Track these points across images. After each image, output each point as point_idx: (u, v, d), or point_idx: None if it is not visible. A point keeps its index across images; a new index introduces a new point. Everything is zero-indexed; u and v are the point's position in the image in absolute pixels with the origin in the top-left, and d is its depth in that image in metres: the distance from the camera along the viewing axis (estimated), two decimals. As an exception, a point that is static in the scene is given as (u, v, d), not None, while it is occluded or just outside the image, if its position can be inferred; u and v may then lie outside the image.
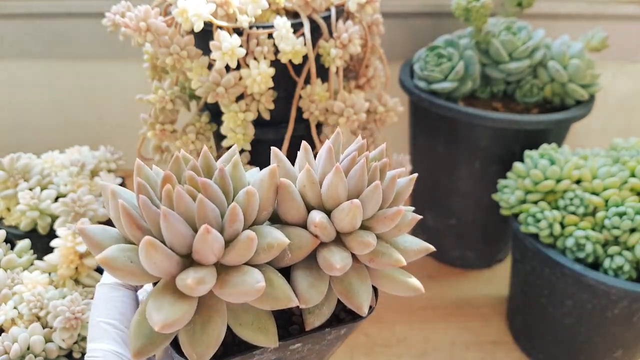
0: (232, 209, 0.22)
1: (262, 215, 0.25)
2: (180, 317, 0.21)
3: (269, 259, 0.23)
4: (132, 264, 0.22)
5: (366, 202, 0.25)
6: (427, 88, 0.63)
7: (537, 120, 0.58)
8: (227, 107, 0.49)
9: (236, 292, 0.22)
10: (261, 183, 0.24)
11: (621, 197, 0.50)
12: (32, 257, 0.46)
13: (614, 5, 0.76)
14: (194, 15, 0.44)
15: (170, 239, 0.22)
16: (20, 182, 0.51)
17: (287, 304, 0.23)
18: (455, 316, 0.64)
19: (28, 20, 0.77)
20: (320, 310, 0.26)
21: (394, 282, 0.27)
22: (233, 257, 0.23)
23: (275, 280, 0.24)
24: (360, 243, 0.24)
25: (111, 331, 0.25)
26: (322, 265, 0.25)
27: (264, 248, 0.23)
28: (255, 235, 0.22)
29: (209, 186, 0.23)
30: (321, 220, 0.24)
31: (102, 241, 0.23)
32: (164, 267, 0.22)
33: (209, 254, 0.22)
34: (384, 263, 0.25)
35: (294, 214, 0.25)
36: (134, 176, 0.24)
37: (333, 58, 0.49)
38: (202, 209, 0.22)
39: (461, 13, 0.62)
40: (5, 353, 0.38)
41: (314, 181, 0.25)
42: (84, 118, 0.86)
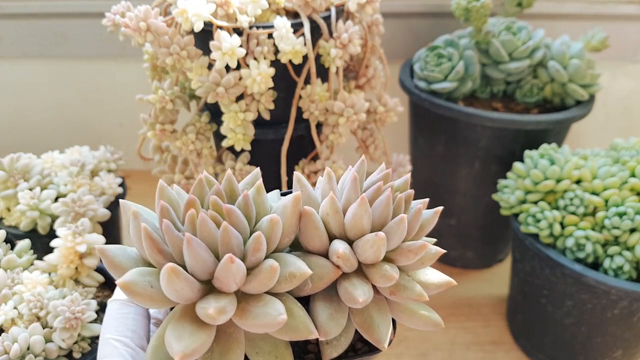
0: (257, 238, 0.22)
1: (283, 242, 0.24)
2: (200, 347, 0.21)
3: (289, 288, 0.23)
4: (152, 288, 0.22)
5: (391, 234, 0.24)
6: (427, 88, 0.63)
7: (537, 120, 0.58)
8: (227, 107, 0.49)
9: (257, 323, 0.22)
10: (284, 210, 0.24)
11: (621, 197, 0.50)
12: (32, 257, 0.46)
13: (613, 5, 0.76)
14: (194, 15, 0.44)
15: (192, 265, 0.22)
16: (20, 182, 0.51)
17: (307, 335, 0.23)
18: (455, 316, 0.64)
19: (28, 20, 0.77)
20: (338, 342, 0.25)
21: (414, 316, 0.26)
22: (255, 286, 0.22)
23: (295, 311, 0.23)
24: (383, 276, 0.24)
25: (121, 349, 0.25)
26: (343, 297, 0.24)
27: (286, 277, 0.23)
28: (278, 265, 0.22)
29: (233, 213, 0.23)
30: (344, 252, 0.24)
31: (122, 263, 0.23)
32: (185, 294, 0.21)
33: (230, 283, 0.22)
34: (405, 297, 0.25)
35: (316, 243, 0.25)
36: (157, 198, 0.23)
37: (333, 58, 0.49)
38: (226, 237, 0.22)
39: (461, 13, 0.62)
40: (5, 353, 0.38)
41: (337, 210, 0.25)
42: (84, 118, 0.86)
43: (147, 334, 0.26)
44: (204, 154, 0.53)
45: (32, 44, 0.79)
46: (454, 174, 0.65)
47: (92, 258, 0.46)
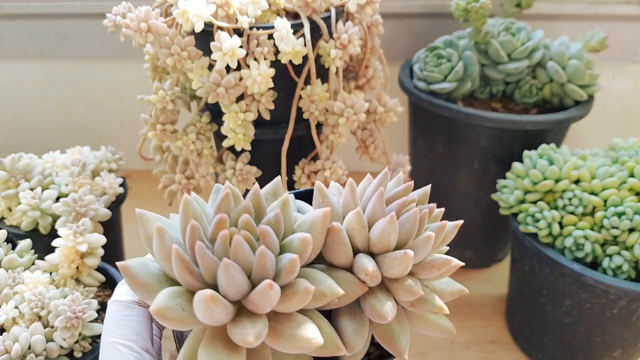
0: (293, 261, 0.22)
1: (311, 257, 0.24)
2: None
3: (318, 305, 0.23)
4: (183, 312, 0.21)
5: (417, 250, 0.24)
6: (427, 88, 0.63)
7: (536, 121, 0.58)
8: (228, 108, 0.49)
9: (292, 346, 0.21)
10: (313, 226, 0.24)
11: (620, 197, 0.50)
12: (33, 256, 0.46)
13: (613, 5, 0.76)
14: (194, 16, 0.44)
15: (227, 288, 0.21)
16: (22, 182, 0.51)
17: (335, 352, 0.23)
18: (455, 315, 0.64)
19: (29, 20, 0.77)
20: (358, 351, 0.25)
21: (430, 324, 0.27)
22: (288, 307, 0.22)
23: (324, 329, 0.23)
24: (407, 292, 0.24)
25: (127, 353, 0.24)
26: (368, 312, 0.24)
27: (316, 296, 0.23)
28: (313, 287, 0.22)
29: (268, 234, 0.22)
30: (373, 270, 0.24)
31: (146, 281, 0.23)
32: (219, 319, 0.21)
33: (266, 307, 0.21)
34: (425, 310, 0.25)
35: (342, 258, 0.25)
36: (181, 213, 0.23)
37: (333, 58, 0.49)
38: (262, 261, 0.21)
39: (460, 14, 0.62)
40: (7, 352, 0.38)
41: (363, 225, 0.25)
42: (85, 118, 0.86)
43: (150, 336, 0.26)
44: (205, 154, 0.53)
45: (32, 45, 0.79)
46: (454, 174, 0.65)
47: (93, 257, 0.46)
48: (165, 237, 0.22)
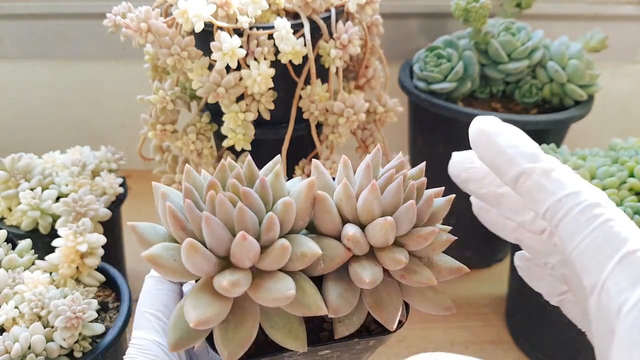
0: (270, 218, 0.24)
1: (298, 224, 0.26)
2: (214, 316, 0.23)
3: (302, 266, 0.24)
4: (174, 262, 0.24)
5: (400, 219, 0.25)
6: (427, 88, 0.63)
7: (536, 121, 0.58)
8: (228, 108, 0.49)
9: (268, 297, 0.23)
10: (299, 194, 0.25)
11: (620, 197, 0.50)
12: (33, 256, 0.46)
13: (613, 5, 0.76)
14: (194, 16, 0.44)
15: (210, 241, 0.23)
16: (22, 182, 0.51)
17: (316, 312, 0.24)
18: (455, 316, 0.64)
19: (28, 20, 0.77)
20: (350, 320, 0.26)
21: (426, 299, 0.27)
22: (268, 263, 0.24)
23: (307, 289, 0.24)
24: (392, 259, 0.25)
25: (154, 322, 0.27)
26: (353, 278, 0.25)
27: (298, 256, 0.24)
28: (289, 244, 0.23)
29: (249, 195, 0.24)
30: (354, 234, 0.25)
31: (150, 238, 0.25)
32: (202, 268, 0.23)
33: (244, 259, 0.23)
34: (414, 281, 0.26)
35: (329, 226, 0.26)
36: (183, 180, 0.25)
37: (333, 59, 0.49)
38: (241, 216, 0.23)
39: (460, 14, 0.62)
40: (7, 352, 0.38)
41: (350, 195, 0.26)
42: (84, 118, 0.86)
43: None
44: (205, 154, 0.53)
45: (32, 45, 0.79)
46: (454, 174, 0.65)
47: (93, 257, 0.46)
48: (166, 200, 0.25)
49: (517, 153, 0.24)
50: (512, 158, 0.24)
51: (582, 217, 0.21)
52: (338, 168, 0.28)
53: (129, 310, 0.45)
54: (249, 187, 0.25)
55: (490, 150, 0.25)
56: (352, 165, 0.28)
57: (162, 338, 0.26)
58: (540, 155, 0.24)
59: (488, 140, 0.25)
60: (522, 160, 0.24)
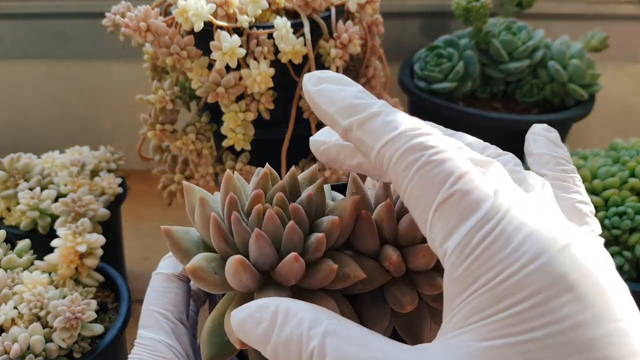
0: (320, 239, 0.23)
1: (338, 241, 0.25)
2: None
3: (341, 287, 0.24)
4: (215, 275, 0.23)
5: None
6: (427, 88, 0.63)
7: (537, 120, 0.58)
8: (227, 107, 0.49)
9: None
10: (343, 212, 0.25)
11: (621, 197, 0.50)
12: (32, 257, 0.46)
13: (613, 5, 0.76)
14: (194, 15, 0.44)
15: (257, 258, 0.23)
16: (21, 182, 0.51)
17: None
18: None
19: (28, 20, 0.77)
20: None
21: None
22: (311, 283, 0.23)
23: (344, 309, 0.24)
24: (431, 285, 0.25)
25: (162, 321, 0.26)
26: (391, 301, 0.25)
27: (340, 276, 0.24)
28: (336, 267, 0.23)
29: (298, 212, 0.24)
30: (397, 259, 0.24)
31: (186, 246, 0.25)
32: (247, 285, 0.23)
33: (291, 278, 0.23)
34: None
35: (369, 246, 0.25)
36: (223, 187, 0.25)
37: (333, 58, 0.49)
38: (291, 235, 0.23)
39: (461, 13, 0.62)
40: (6, 353, 0.38)
41: (392, 217, 0.25)
42: (84, 118, 0.86)
43: (187, 308, 0.27)
44: (204, 154, 0.53)
45: (32, 44, 0.79)
46: (454, 174, 0.65)
47: (92, 258, 0.46)
48: (206, 207, 0.24)
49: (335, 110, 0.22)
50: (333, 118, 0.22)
51: (399, 167, 0.19)
52: (377, 185, 0.27)
53: (129, 311, 0.45)
54: (292, 201, 0.25)
55: (318, 114, 0.23)
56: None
57: (171, 339, 0.26)
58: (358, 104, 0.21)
59: (313, 103, 0.23)
60: (342, 117, 0.22)
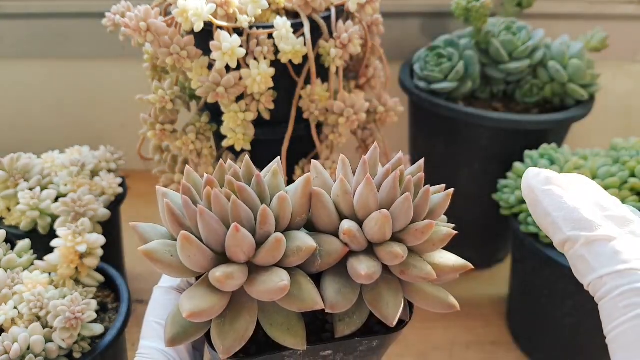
0: (263, 210, 0.24)
1: (295, 221, 0.26)
2: (208, 308, 0.23)
3: (298, 262, 0.25)
4: (172, 257, 0.24)
5: (396, 213, 0.25)
6: (427, 88, 0.63)
7: (537, 120, 0.58)
8: (227, 107, 0.49)
9: (263, 289, 0.23)
10: (295, 190, 0.26)
11: (621, 197, 0.50)
12: (32, 257, 0.46)
13: (614, 5, 0.76)
14: (194, 15, 0.44)
15: (206, 235, 0.24)
16: (21, 182, 0.51)
17: (312, 306, 0.24)
18: (455, 316, 0.64)
19: (28, 20, 0.77)
20: (351, 319, 0.26)
21: (428, 297, 0.27)
22: (263, 257, 0.24)
23: (303, 284, 0.25)
24: (389, 253, 0.25)
25: (159, 330, 0.27)
26: (350, 273, 0.25)
27: (293, 251, 0.24)
28: (283, 237, 0.23)
29: (244, 189, 0.25)
30: (350, 228, 0.25)
31: (150, 237, 0.25)
32: (198, 261, 0.23)
33: (238, 252, 0.23)
34: (414, 276, 0.25)
35: (326, 222, 0.26)
36: (183, 180, 0.26)
37: (333, 58, 0.49)
38: (236, 210, 0.24)
39: (461, 13, 0.62)
40: (6, 353, 0.38)
41: (347, 191, 0.26)
42: (84, 118, 0.86)
43: None
44: (204, 154, 0.53)
45: (32, 44, 0.79)
46: (454, 174, 0.65)
47: (92, 258, 0.46)
48: (166, 199, 0.25)
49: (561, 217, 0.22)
50: (555, 223, 0.22)
51: (620, 303, 0.20)
52: (337, 167, 0.28)
53: (128, 311, 0.45)
54: None
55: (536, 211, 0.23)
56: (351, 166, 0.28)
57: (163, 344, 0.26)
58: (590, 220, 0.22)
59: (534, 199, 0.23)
60: (566, 226, 0.22)
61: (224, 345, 0.24)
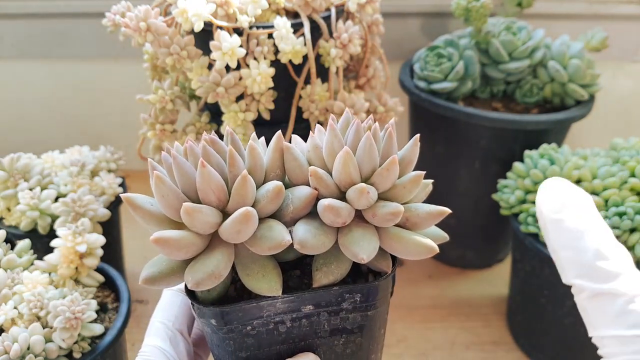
0: (230, 151, 0.25)
1: (270, 176, 0.27)
2: (176, 240, 0.24)
3: (271, 206, 0.25)
4: (151, 206, 0.25)
5: (361, 155, 0.26)
6: (427, 88, 0.63)
7: (537, 120, 0.58)
8: (227, 107, 0.49)
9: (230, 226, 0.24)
10: (269, 146, 0.27)
11: (621, 197, 0.50)
12: (32, 257, 0.46)
13: (614, 5, 0.76)
14: (194, 15, 0.44)
15: (179, 179, 0.25)
16: (21, 182, 0.51)
17: (280, 242, 0.24)
18: (455, 316, 0.64)
19: (28, 20, 0.77)
20: (329, 269, 0.26)
21: (404, 242, 0.26)
22: (234, 200, 0.25)
23: (274, 225, 0.25)
24: (356, 191, 0.25)
25: (162, 329, 0.28)
26: (319, 212, 0.26)
27: (263, 195, 0.25)
28: (247, 175, 0.24)
29: (216, 141, 0.26)
30: (315, 169, 0.25)
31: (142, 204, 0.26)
32: (171, 203, 0.24)
33: (208, 191, 0.24)
34: (384, 214, 0.25)
35: (298, 174, 0.27)
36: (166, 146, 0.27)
37: (333, 58, 0.49)
38: (205, 153, 0.25)
39: (461, 13, 0.62)
40: (6, 353, 0.38)
41: (317, 145, 0.27)
42: (84, 118, 0.86)
43: (188, 322, 0.30)
44: (204, 154, 0.53)
45: (32, 44, 0.79)
46: (454, 174, 0.65)
47: (92, 258, 0.46)
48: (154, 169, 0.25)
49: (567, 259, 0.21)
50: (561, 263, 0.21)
51: None
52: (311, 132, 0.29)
53: (128, 311, 0.45)
54: None
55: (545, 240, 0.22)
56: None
57: (166, 344, 0.28)
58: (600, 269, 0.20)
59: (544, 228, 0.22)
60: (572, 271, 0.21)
61: (193, 278, 0.24)
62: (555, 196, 0.23)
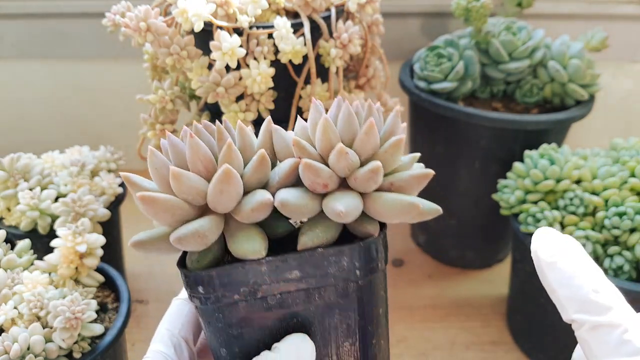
0: (217, 127, 0.27)
1: None
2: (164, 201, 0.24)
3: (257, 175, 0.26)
4: (147, 184, 0.26)
5: (341, 124, 0.26)
6: (427, 88, 0.63)
7: (537, 120, 0.58)
8: (227, 107, 0.49)
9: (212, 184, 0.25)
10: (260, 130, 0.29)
11: (621, 197, 0.50)
12: (32, 257, 0.46)
13: (614, 5, 0.76)
14: (194, 15, 0.44)
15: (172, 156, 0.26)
16: (21, 182, 0.51)
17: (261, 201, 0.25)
18: (455, 316, 0.64)
19: (28, 20, 0.77)
20: (314, 232, 0.26)
21: (385, 202, 0.26)
22: None
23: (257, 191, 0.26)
24: (337, 154, 0.25)
25: (167, 336, 0.29)
26: (302, 177, 0.26)
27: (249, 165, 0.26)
28: (232, 143, 0.25)
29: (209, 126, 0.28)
30: (297, 139, 0.26)
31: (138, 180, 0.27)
32: (162, 173, 0.25)
33: (197, 162, 0.25)
34: (363, 174, 0.25)
35: (285, 152, 0.28)
36: None
37: (333, 58, 0.49)
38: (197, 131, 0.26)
39: (461, 13, 0.62)
40: (6, 353, 0.38)
41: (303, 126, 0.28)
42: (84, 118, 0.86)
43: (194, 330, 0.30)
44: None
45: (32, 44, 0.79)
46: (454, 174, 0.65)
47: (92, 258, 0.46)
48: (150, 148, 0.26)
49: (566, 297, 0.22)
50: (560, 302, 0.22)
51: None
52: None
53: (128, 311, 0.45)
54: None
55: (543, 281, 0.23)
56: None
57: (169, 350, 0.28)
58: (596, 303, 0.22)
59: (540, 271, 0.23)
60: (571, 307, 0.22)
61: (176, 234, 0.24)
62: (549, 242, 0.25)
